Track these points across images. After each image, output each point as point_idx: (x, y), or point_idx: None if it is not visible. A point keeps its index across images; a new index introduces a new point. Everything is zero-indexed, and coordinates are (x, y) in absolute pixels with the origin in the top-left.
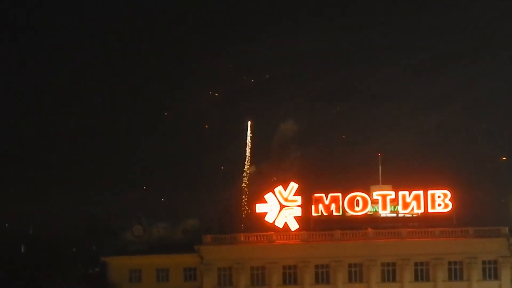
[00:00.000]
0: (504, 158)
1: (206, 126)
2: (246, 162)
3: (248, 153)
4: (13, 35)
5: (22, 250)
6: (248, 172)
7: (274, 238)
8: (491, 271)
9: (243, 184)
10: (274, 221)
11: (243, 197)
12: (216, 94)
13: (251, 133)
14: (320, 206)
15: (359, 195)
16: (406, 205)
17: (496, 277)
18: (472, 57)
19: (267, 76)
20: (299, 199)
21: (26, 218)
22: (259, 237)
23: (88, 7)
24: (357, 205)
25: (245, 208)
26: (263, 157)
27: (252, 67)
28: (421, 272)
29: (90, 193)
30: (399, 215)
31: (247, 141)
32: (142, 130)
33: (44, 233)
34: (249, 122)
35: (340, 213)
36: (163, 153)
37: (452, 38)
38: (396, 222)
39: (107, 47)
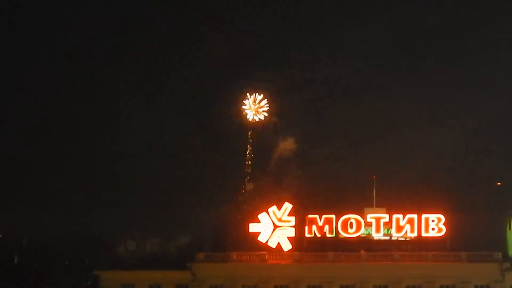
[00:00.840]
0: (499, 183)
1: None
2: (245, 180)
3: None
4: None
5: (15, 261)
6: (245, 189)
7: (266, 257)
8: None
9: (239, 202)
10: (267, 241)
11: (238, 215)
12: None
13: (249, 152)
14: (314, 227)
15: (353, 217)
16: (399, 228)
17: None
18: (470, 85)
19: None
20: (292, 219)
21: (19, 229)
22: (251, 256)
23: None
24: (351, 227)
25: (239, 227)
26: (261, 174)
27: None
28: None
29: (84, 206)
30: (393, 238)
31: (245, 158)
32: (138, 145)
33: (37, 245)
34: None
35: (334, 235)
36: (158, 168)
37: (448, 66)
38: (389, 245)
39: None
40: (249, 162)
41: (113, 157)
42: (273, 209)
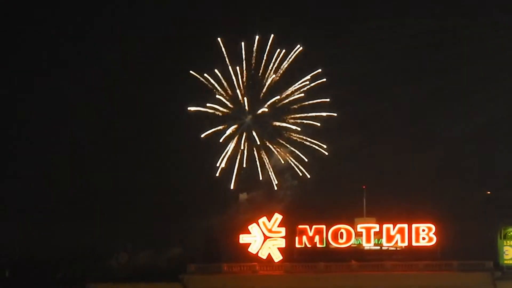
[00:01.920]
0: (489, 192)
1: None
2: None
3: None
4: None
5: (6, 274)
6: (238, 200)
7: (257, 268)
8: None
9: (232, 213)
10: (258, 252)
11: (230, 226)
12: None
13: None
14: (304, 238)
15: (343, 227)
16: (390, 238)
17: None
18: (458, 94)
19: None
20: (283, 230)
21: (10, 243)
22: (242, 268)
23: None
24: (341, 237)
25: (230, 238)
26: (255, 185)
27: None
28: None
29: (75, 219)
30: (383, 248)
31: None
32: (129, 157)
33: (28, 258)
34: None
35: (324, 245)
36: (150, 179)
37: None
38: (380, 255)
39: None
40: (244, 172)
41: (105, 169)
42: (263, 220)
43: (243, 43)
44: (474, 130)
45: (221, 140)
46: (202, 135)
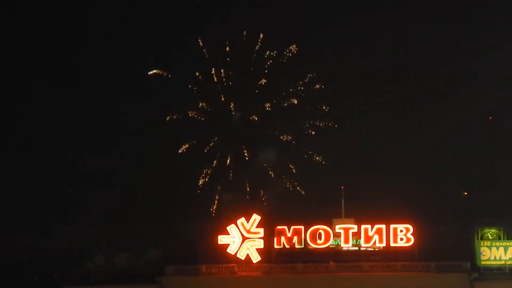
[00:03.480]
0: (466, 193)
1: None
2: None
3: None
4: None
5: None
6: (220, 200)
7: (236, 270)
8: None
9: (212, 213)
10: (236, 252)
11: (208, 227)
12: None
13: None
14: (282, 239)
15: (321, 228)
16: (368, 238)
17: None
18: (435, 95)
19: None
20: (261, 231)
21: None
22: (220, 269)
23: None
24: (320, 238)
25: (209, 239)
26: (239, 185)
27: None
28: None
29: (51, 221)
30: (362, 248)
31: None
32: (107, 159)
33: (3, 262)
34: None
35: (302, 246)
36: (127, 181)
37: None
38: (358, 256)
39: None
40: (229, 171)
41: (80, 171)
42: (241, 220)
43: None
44: (451, 130)
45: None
46: (179, 150)
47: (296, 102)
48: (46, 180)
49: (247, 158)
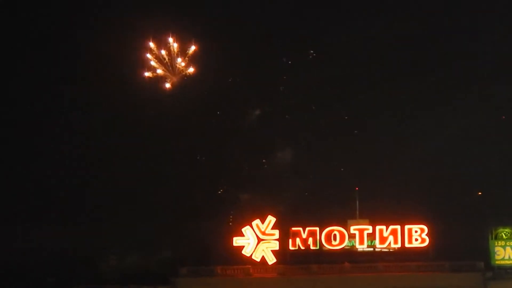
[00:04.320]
0: (480, 193)
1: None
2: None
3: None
4: None
5: None
6: (238, 199)
7: (251, 271)
8: None
9: (228, 214)
10: (252, 254)
11: (223, 228)
12: None
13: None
14: (298, 240)
15: (336, 229)
16: (383, 239)
17: None
18: (453, 93)
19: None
20: (276, 232)
21: None
22: (236, 270)
23: None
24: (334, 239)
25: (224, 240)
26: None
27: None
28: None
29: (64, 222)
30: (376, 249)
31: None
32: (123, 157)
33: (18, 263)
34: None
35: (317, 247)
36: (143, 182)
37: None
38: (373, 256)
39: None
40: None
41: (93, 170)
42: (256, 222)
43: None
44: (465, 130)
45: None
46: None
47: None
48: (57, 179)
49: (263, 159)
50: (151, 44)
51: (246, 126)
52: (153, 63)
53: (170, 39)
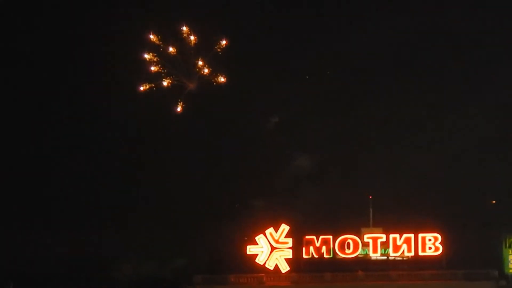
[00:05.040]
0: (494, 201)
1: None
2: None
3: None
4: None
5: (11, 287)
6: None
7: (264, 279)
8: None
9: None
10: (265, 262)
11: (237, 236)
12: None
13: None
14: (311, 248)
15: (350, 237)
16: (396, 248)
17: None
18: (467, 101)
19: None
20: (290, 241)
21: (13, 254)
22: (249, 279)
23: None
24: (348, 247)
25: (237, 249)
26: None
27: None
28: None
29: (79, 230)
30: (390, 257)
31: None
32: (139, 166)
33: (32, 270)
34: None
35: (331, 255)
36: (154, 188)
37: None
38: (387, 265)
39: None
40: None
41: (107, 178)
42: (270, 230)
43: None
44: (478, 138)
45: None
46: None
47: None
48: (72, 187)
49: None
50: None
51: (261, 134)
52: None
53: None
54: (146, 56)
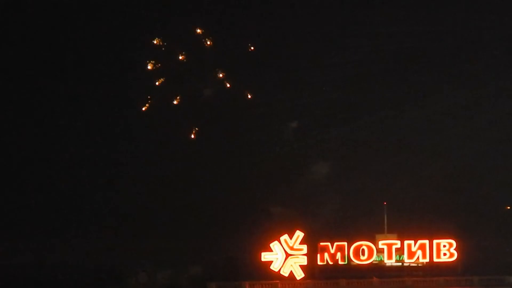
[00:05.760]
0: (508, 207)
1: None
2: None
3: None
4: None
5: None
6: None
7: (279, 286)
8: None
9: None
10: (280, 269)
11: (252, 243)
12: None
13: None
14: (326, 255)
15: (364, 244)
16: (411, 254)
17: None
18: (484, 107)
19: None
20: (304, 247)
21: (28, 263)
22: (264, 286)
23: None
24: (363, 254)
25: (252, 256)
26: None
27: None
28: None
29: (94, 238)
30: (405, 264)
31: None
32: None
33: (48, 279)
34: None
35: (346, 262)
36: (169, 197)
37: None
38: (402, 271)
39: None
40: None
41: (123, 187)
42: (284, 237)
43: None
44: (493, 144)
45: None
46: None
47: None
48: (88, 195)
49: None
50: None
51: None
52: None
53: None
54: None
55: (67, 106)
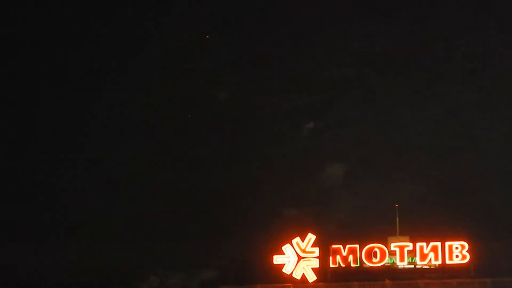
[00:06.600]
0: None
1: None
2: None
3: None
4: None
5: None
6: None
7: None
8: None
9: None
10: (292, 272)
11: (264, 246)
12: None
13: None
14: (338, 258)
15: (376, 246)
16: (423, 256)
17: None
18: (486, 108)
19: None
20: (316, 250)
21: (37, 267)
22: None
23: None
24: (375, 256)
25: (264, 259)
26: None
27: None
28: None
29: (104, 242)
30: (417, 266)
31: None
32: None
33: (57, 284)
34: None
35: (358, 264)
36: (182, 200)
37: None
38: (414, 273)
39: None
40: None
41: (133, 189)
42: (296, 240)
43: None
44: (505, 144)
45: None
46: None
47: None
48: (97, 198)
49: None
50: None
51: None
52: None
53: None
54: None
55: (68, 106)
